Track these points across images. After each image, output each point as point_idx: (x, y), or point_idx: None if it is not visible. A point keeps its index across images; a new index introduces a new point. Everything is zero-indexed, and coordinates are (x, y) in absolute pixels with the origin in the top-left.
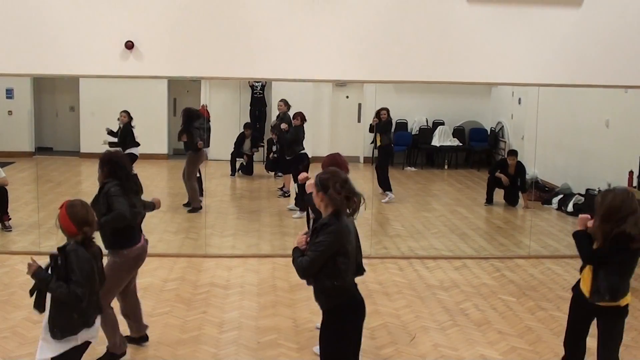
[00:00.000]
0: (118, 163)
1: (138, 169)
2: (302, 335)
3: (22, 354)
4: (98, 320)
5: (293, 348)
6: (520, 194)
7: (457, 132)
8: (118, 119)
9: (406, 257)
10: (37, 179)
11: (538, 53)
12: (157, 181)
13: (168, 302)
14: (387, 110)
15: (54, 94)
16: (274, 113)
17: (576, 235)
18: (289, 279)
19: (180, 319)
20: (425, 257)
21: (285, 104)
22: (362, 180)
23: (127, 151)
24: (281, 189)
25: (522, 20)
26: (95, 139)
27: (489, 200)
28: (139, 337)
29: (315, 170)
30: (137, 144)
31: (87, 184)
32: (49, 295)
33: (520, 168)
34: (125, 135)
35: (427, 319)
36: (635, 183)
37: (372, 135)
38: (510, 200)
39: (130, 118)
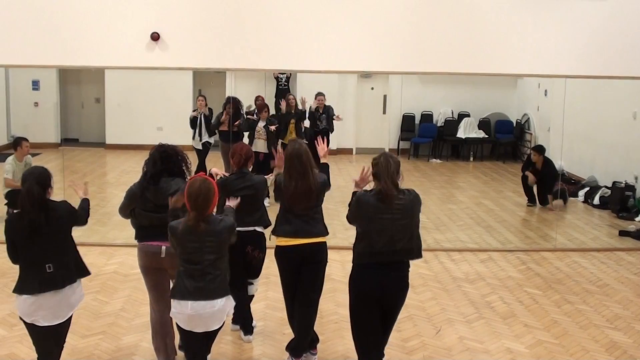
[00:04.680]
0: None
1: None
2: (327, 326)
3: None
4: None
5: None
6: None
7: (483, 124)
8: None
9: (432, 250)
10: (63, 170)
11: (565, 44)
12: None
13: None
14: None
15: (79, 86)
16: (298, 105)
17: None
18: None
19: None
20: (451, 249)
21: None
22: None
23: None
24: None
25: (549, 11)
26: (120, 130)
27: (531, 199)
28: None
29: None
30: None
31: (112, 175)
32: None
33: (548, 166)
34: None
35: (453, 312)
36: None
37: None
38: (542, 200)
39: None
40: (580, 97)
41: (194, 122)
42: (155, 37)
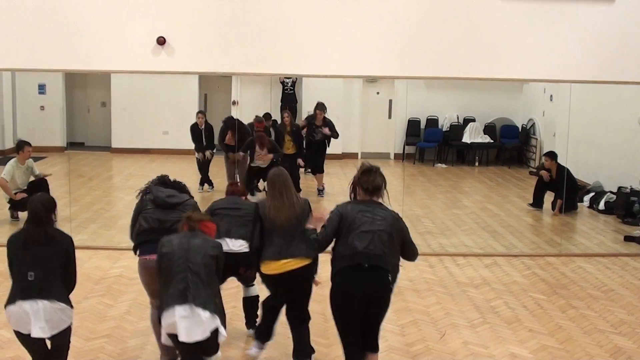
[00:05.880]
0: None
1: (169, 164)
2: (331, 330)
3: None
4: None
5: (322, 343)
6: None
7: (488, 129)
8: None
9: (436, 254)
10: (69, 173)
11: (570, 49)
12: (187, 177)
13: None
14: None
15: (85, 90)
16: (304, 109)
17: None
18: (319, 275)
19: None
20: (456, 254)
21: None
22: (392, 177)
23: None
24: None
25: (554, 16)
26: (126, 134)
27: (537, 203)
28: None
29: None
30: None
31: (118, 179)
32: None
33: (561, 173)
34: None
35: (457, 317)
36: None
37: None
38: (553, 206)
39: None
40: (586, 102)
41: (195, 133)
42: (161, 41)
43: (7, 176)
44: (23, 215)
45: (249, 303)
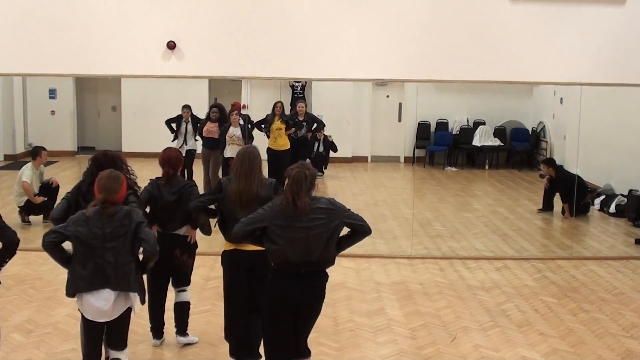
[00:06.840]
0: None
1: None
2: (342, 334)
3: (65, 350)
4: None
5: (333, 347)
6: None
7: (498, 132)
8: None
9: (447, 258)
10: (80, 177)
11: (580, 52)
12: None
13: (209, 300)
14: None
15: (96, 94)
16: (314, 113)
17: None
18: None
19: (221, 317)
20: (466, 257)
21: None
22: (403, 180)
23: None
24: None
25: (564, 18)
26: (136, 138)
27: (545, 207)
28: None
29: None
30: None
31: None
32: None
33: (561, 177)
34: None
35: (468, 320)
36: None
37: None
38: (562, 210)
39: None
40: (596, 104)
41: (174, 126)
42: (171, 45)
43: (29, 180)
44: (34, 219)
45: (180, 309)
